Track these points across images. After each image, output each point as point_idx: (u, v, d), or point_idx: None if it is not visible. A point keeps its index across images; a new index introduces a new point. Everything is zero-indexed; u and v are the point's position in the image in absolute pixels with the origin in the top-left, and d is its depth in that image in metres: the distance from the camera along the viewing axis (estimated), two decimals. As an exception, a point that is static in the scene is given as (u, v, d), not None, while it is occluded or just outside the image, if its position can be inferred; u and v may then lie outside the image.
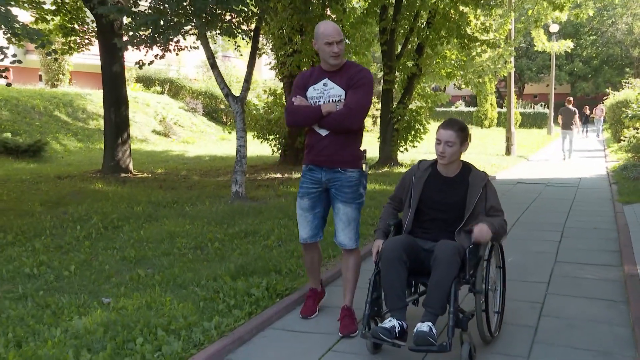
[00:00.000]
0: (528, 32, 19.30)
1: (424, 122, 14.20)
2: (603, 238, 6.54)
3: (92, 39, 12.69)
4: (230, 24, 8.09)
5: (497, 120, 35.95)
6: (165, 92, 25.09)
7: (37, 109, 17.66)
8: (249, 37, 8.64)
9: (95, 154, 15.49)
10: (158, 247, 5.59)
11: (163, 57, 8.52)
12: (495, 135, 26.60)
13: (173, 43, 8.47)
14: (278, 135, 13.71)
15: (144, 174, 11.61)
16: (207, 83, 26.43)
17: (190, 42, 9.37)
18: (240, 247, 5.58)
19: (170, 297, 4.11)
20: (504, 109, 30.30)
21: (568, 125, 16.82)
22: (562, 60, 43.67)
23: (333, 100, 3.63)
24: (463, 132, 3.47)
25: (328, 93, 3.65)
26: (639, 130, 14.27)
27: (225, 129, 23.95)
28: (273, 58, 13.51)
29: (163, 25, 7.47)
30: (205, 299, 4.09)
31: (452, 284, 3.14)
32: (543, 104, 40.47)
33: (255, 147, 15.96)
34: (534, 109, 39.53)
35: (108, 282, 4.58)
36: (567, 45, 19.71)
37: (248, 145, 8.47)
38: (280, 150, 13.91)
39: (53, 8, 11.69)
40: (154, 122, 21.31)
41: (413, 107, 14.23)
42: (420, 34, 13.26)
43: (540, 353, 3.42)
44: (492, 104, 36.15)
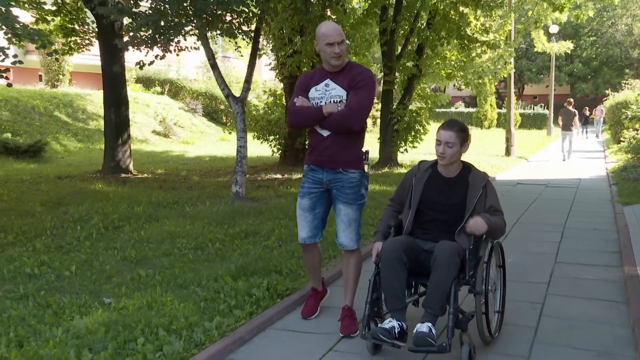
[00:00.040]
0: (528, 33, 19.33)
1: (424, 122, 14.22)
2: (603, 239, 6.56)
3: (92, 40, 12.70)
4: (231, 25, 8.10)
5: (496, 121, 35.96)
6: (165, 92, 25.11)
7: (37, 110, 17.67)
8: (250, 37, 8.65)
9: (95, 155, 15.50)
10: (159, 247, 5.60)
11: (163, 57, 8.53)
12: (495, 136, 26.61)
13: (173, 43, 8.48)
14: (278, 136, 13.72)
15: (144, 175, 11.62)
16: (207, 84, 26.44)
17: (191, 42, 9.38)
18: (241, 247, 5.59)
19: (171, 297, 4.12)
20: (504, 110, 30.31)
21: (568, 127, 16.86)
22: (561, 61, 43.73)
23: (334, 101, 3.63)
24: (463, 132, 3.48)
25: (330, 94, 3.65)
26: (639, 131, 14.28)
27: (225, 130, 23.96)
28: (273, 59, 13.52)
29: (164, 26, 7.47)
30: (206, 299, 4.10)
31: (451, 285, 3.15)
32: (543, 105, 40.51)
33: (255, 147, 15.97)
34: (534, 110, 39.56)
35: (109, 282, 4.58)
36: (566, 46, 19.73)
37: (248, 146, 8.48)
38: (280, 151, 13.91)
39: (53, 8, 11.71)
40: (154, 122, 21.33)
41: (413, 107, 14.26)
42: (421, 35, 13.28)
43: (541, 353, 3.43)
44: (491, 105, 36.16)
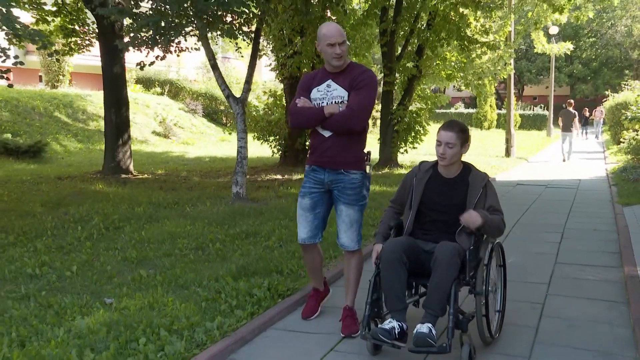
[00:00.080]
0: (528, 34, 19.34)
1: (424, 123, 14.23)
2: (603, 239, 6.57)
3: (92, 40, 12.71)
4: (231, 26, 8.11)
5: (496, 122, 35.97)
6: (165, 93, 25.12)
7: (37, 110, 17.67)
8: (250, 38, 8.66)
9: (95, 155, 15.51)
10: (159, 247, 5.60)
11: (164, 58, 8.54)
12: (495, 137, 26.62)
13: (174, 44, 8.49)
14: (278, 137, 13.73)
15: (145, 175, 11.63)
16: (206, 84, 26.46)
17: (192, 43, 9.39)
18: (242, 247, 5.60)
19: (173, 297, 4.12)
20: (504, 111, 30.34)
21: (568, 127, 16.89)
22: (561, 62, 43.77)
23: (336, 102, 3.64)
24: (464, 133, 3.49)
25: (331, 94, 3.66)
26: (639, 132, 14.29)
27: (225, 130, 23.97)
28: (273, 59, 13.54)
29: (164, 27, 7.47)
30: (207, 300, 4.11)
31: (452, 286, 3.16)
32: (542, 106, 40.53)
33: (256, 148, 15.98)
34: (534, 111, 39.57)
35: (110, 282, 4.59)
36: (566, 47, 19.74)
37: (248, 147, 8.49)
38: (281, 152, 13.92)
39: (54, 9, 11.72)
40: (154, 123, 21.34)
41: (413, 108, 14.27)
42: (421, 36, 13.30)
43: (541, 353, 3.44)
44: (491, 106, 36.17)
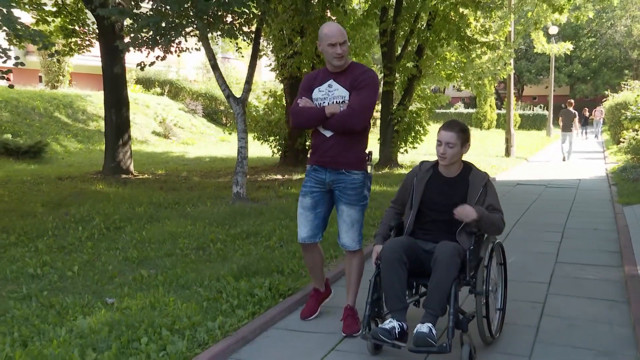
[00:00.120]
0: (527, 34, 19.33)
1: (424, 123, 14.25)
2: (603, 239, 6.58)
3: (92, 41, 12.72)
4: (232, 26, 8.12)
5: (496, 122, 35.98)
6: (165, 93, 25.13)
7: (37, 110, 17.68)
8: (250, 38, 8.67)
9: (96, 155, 15.51)
10: (160, 247, 5.61)
11: (164, 58, 8.55)
12: (495, 137, 26.63)
13: (174, 44, 8.49)
14: (278, 137, 13.73)
15: (145, 175, 11.63)
16: (206, 84, 26.48)
17: (192, 43, 9.39)
18: (242, 247, 5.61)
19: (174, 297, 4.13)
20: (503, 111, 30.33)
21: (568, 127, 16.91)
22: (561, 62, 43.75)
23: (337, 102, 3.64)
24: (464, 133, 3.49)
25: (332, 94, 3.66)
26: (638, 132, 14.30)
27: (225, 130, 23.97)
28: (273, 59, 13.54)
29: (165, 27, 7.48)
30: (209, 299, 4.12)
31: (452, 285, 3.16)
32: (542, 106, 40.54)
33: (256, 148, 15.98)
34: (533, 111, 39.59)
35: (111, 282, 4.60)
36: (566, 47, 19.75)
37: (248, 147, 8.50)
38: (281, 152, 13.92)
39: (54, 9, 11.73)
40: (154, 123, 21.35)
41: (413, 108, 14.28)
42: (420, 36, 13.31)
43: (542, 352, 3.45)
44: (491, 106, 36.18)
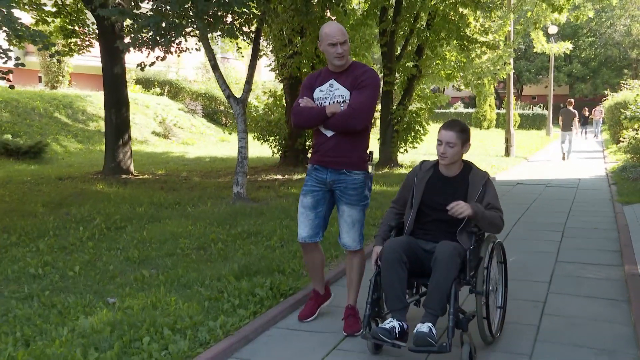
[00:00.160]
0: (527, 33, 19.37)
1: (424, 123, 14.25)
2: (603, 238, 6.59)
3: (92, 41, 12.72)
4: (232, 26, 8.12)
5: (495, 122, 35.98)
6: (165, 93, 25.12)
7: (37, 111, 17.68)
8: (250, 38, 8.68)
9: (96, 156, 15.52)
10: (161, 247, 5.62)
11: (164, 58, 8.56)
12: (495, 137, 26.64)
13: (175, 45, 8.50)
14: (278, 137, 13.74)
15: (145, 175, 11.64)
16: (206, 84, 26.46)
17: (192, 43, 9.40)
18: (243, 247, 5.61)
19: (175, 297, 4.14)
20: (503, 111, 30.34)
21: (568, 127, 16.93)
22: (560, 62, 43.78)
23: (338, 101, 3.65)
24: (464, 133, 3.50)
25: (333, 94, 3.67)
26: (638, 132, 14.31)
27: (225, 131, 23.97)
28: (273, 59, 13.55)
29: (165, 27, 7.49)
30: (210, 299, 4.13)
31: (452, 285, 3.16)
32: (542, 106, 40.54)
33: (256, 148, 15.98)
34: (533, 111, 39.59)
35: (112, 282, 4.60)
36: (565, 47, 19.78)
37: (248, 147, 8.50)
38: (281, 152, 13.93)
39: (54, 10, 11.73)
40: (154, 123, 21.35)
41: (413, 108, 14.28)
42: (420, 36, 13.32)
43: (543, 351, 3.46)
44: (491, 106, 36.19)
